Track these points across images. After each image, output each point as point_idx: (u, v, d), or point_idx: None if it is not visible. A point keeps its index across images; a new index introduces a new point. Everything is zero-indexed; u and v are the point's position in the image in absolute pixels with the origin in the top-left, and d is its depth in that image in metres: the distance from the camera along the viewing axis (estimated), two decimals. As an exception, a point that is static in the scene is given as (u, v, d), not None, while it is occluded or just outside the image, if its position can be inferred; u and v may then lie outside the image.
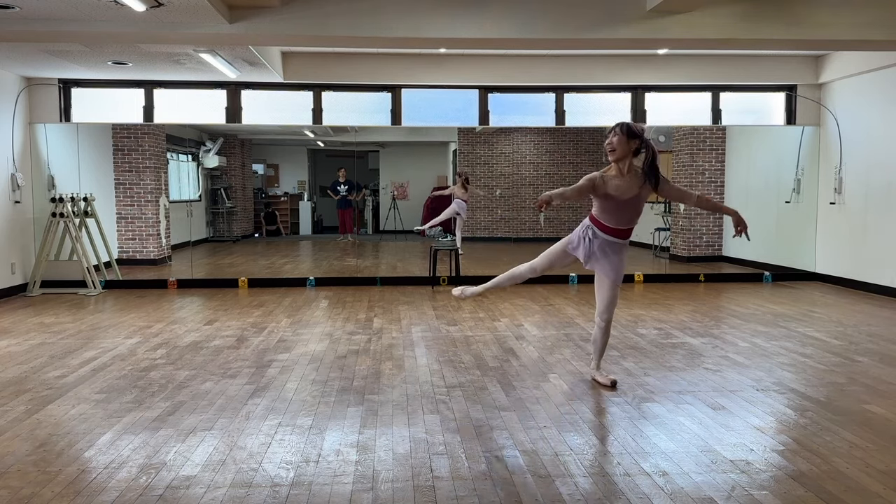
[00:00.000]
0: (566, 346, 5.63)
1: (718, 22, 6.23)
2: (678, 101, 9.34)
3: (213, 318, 6.88)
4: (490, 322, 6.62)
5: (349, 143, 14.17)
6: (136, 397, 4.26)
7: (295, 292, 8.53)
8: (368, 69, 8.66)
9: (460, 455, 3.35)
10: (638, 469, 3.18)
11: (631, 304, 7.65)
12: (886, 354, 5.34)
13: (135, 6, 5.39)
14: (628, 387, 4.48)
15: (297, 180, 16.97)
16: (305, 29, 6.13)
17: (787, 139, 9.75)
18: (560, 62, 8.75)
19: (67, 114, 8.87)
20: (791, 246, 9.80)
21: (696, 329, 6.28)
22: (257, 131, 14.38)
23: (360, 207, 15.57)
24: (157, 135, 10.96)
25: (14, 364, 5.08)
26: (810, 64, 9.01)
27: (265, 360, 5.19)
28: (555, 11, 6.22)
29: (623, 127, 4.15)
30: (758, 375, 4.75)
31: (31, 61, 7.72)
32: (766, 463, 3.26)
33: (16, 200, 8.37)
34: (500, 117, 9.26)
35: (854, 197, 8.66)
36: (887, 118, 8.06)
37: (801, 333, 6.11)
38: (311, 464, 3.24)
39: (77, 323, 6.63)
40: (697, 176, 11.32)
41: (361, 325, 6.48)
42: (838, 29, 6.31)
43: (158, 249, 10.79)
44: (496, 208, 13.43)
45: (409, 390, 4.40)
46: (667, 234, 11.89)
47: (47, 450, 3.42)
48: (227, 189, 14.75)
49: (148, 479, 3.08)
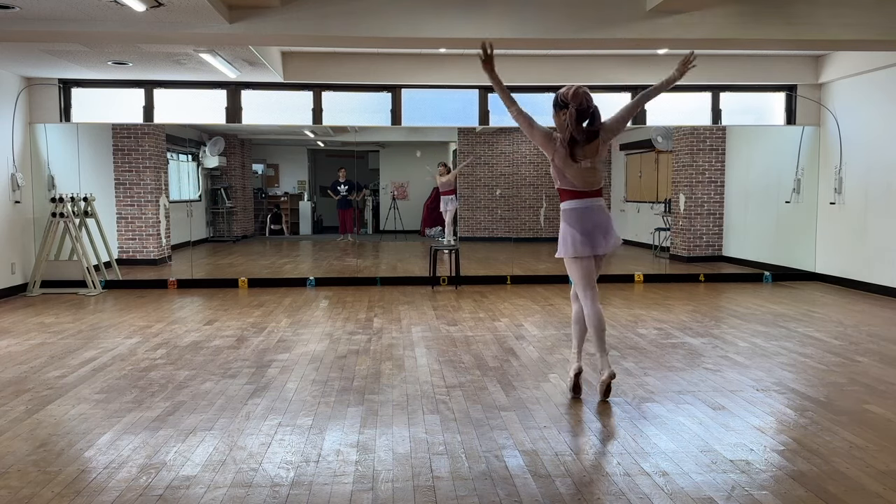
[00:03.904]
0: (566, 346, 5.62)
1: (718, 22, 6.23)
2: (678, 101, 9.34)
3: (213, 318, 6.88)
4: (490, 322, 6.62)
5: (349, 143, 14.17)
6: (136, 397, 4.26)
7: (295, 292, 8.53)
8: (368, 69, 8.66)
9: (460, 455, 3.35)
10: (638, 469, 3.18)
11: (631, 304, 7.65)
12: (886, 354, 5.34)
13: (135, 6, 5.39)
14: (628, 387, 4.48)
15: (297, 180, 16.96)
16: (305, 29, 6.13)
17: (787, 139, 9.75)
18: (560, 62, 8.74)
19: (67, 114, 8.87)
20: (791, 246, 9.80)
21: (696, 329, 6.27)
22: (257, 131, 14.38)
23: (361, 207, 15.57)
24: (157, 135, 10.96)
25: (14, 364, 5.08)
26: (810, 64, 9.00)
27: (265, 360, 5.19)
28: (555, 11, 6.22)
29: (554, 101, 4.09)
30: (758, 375, 4.75)
31: (31, 61, 7.72)
32: (766, 463, 3.26)
33: (16, 200, 8.37)
34: (500, 117, 9.25)
35: (854, 197, 8.66)
36: (887, 118, 8.05)
37: (801, 333, 6.11)
38: (311, 464, 3.24)
39: (77, 323, 6.63)
40: (697, 176, 11.32)
41: (361, 325, 6.48)
42: (838, 29, 6.31)
43: (158, 249, 10.79)
44: (496, 208, 13.43)
45: (409, 390, 4.40)
46: (667, 234, 11.89)
47: (47, 450, 3.42)
48: (227, 189, 14.75)
49: (148, 479, 3.08)
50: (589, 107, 4.02)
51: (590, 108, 4.02)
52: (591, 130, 4.05)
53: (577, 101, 3.98)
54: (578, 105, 3.98)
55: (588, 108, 4.01)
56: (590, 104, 4.03)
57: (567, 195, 4.15)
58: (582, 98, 3.99)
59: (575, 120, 3.98)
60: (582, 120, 4.02)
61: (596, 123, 4.09)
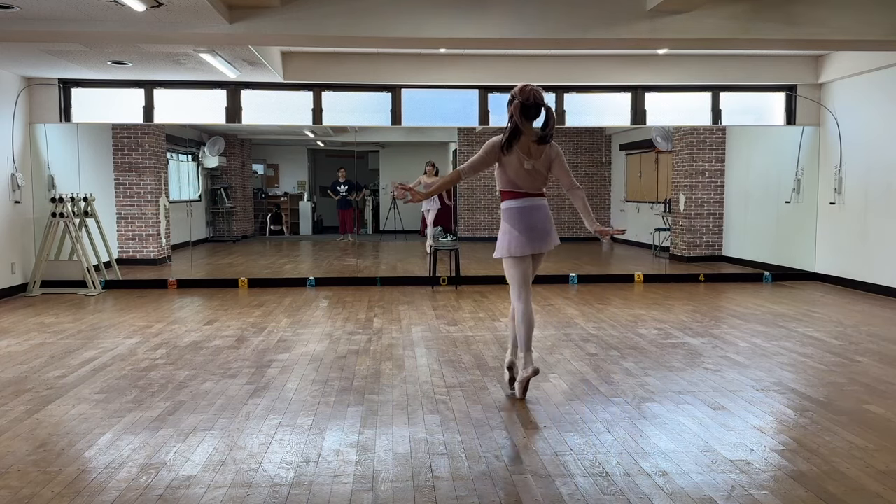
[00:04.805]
0: (566, 346, 5.63)
1: (718, 22, 6.23)
2: (678, 101, 9.34)
3: (213, 318, 6.88)
4: (490, 322, 6.62)
5: (349, 143, 14.17)
6: (136, 397, 4.26)
7: (295, 292, 8.53)
8: (368, 69, 8.66)
9: (460, 455, 3.35)
10: (638, 469, 3.18)
11: (631, 304, 7.65)
12: (886, 354, 5.34)
13: (135, 6, 5.39)
14: (628, 387, 4.48)
15: (297, 180, 16.97)
16: (305, 29, 6.13)
17: (787, 139, 9.75)
18: (560, 62, 8.74)
19: (67, 114, 8.87)
20: (791, 246, 9.80)
21: (696, 329, 6.28)
22: (257, 131, 14.38)
23: (360, 207, 15.58)
24: (157, 135, 10.96)
25: (14, 364, 5.08)
26: (810, 64, 9.00)
27: (265, 360, 5.19)
28: (555, 11, 6.22)
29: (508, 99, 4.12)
30: (758, 375, 4.75)
31: (31, 61, 7.72)
32: (766, 463, 3.26)
33: (16, 200, 8.37)
34: (500, 117, 9.26)
35: (854, 197, 8.66)
36: (887, 118, 8.06)
37: (800, 333, 6.11)
38: (311, 464, 3.24)
39: (77, 323, 6.63)
40: (697, 176, 11.33)
41: (361, 325, 6.48)
42: (838, 29, 6.31)
43: (158, 249, 10.79)
44: (496, 208, 13.41)
45: (409, 390, 4.40)
46: (667, 234, 11.90)
47: (47, 450, 3.42)
48: (227, 189, 14.76)
49: (148, 479, 3.08)
50: (537, 102, 4.05)
51: (538, 104, 4.06)
52: (543, 136, 4.10)
53: (525, 95, 4.04)
54: (525, 99, 4.03)
55: (536, 103, 4.05)
56: (538, 100, 4.06)
57: (509, 196, 4.19)
58: (529, 94, 4.05)
59: (520, 112, 4.03)
60: (528, 115, 4.05)
61: (549, 125, 4.11)
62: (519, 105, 4.03)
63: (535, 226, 4.14)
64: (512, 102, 4.08)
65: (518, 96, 4.05)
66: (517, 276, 4.20)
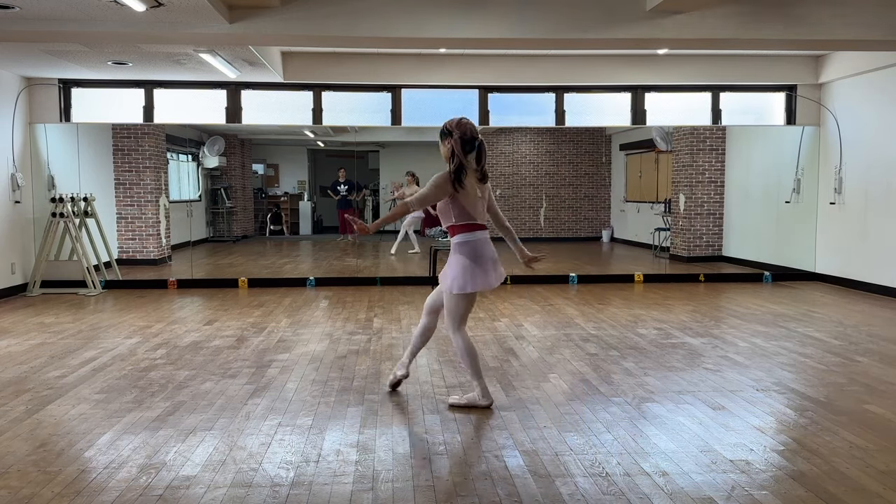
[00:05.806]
0: (566, 346, 5.63)
1: (718, 22, 6.23)
2: (678, 101, 9.34)
3: (213, 318, 6.88)
4: (490, 322, 6.62)
5: (349, 143, 14.18)
6: (136, 397, 4.26)
7: (295, 292, 8.53)
8: (368, 69, 8.66)
9: (460, 455, 3.36)
10: (638, 469, 3.18)
11: (631, 304, 7.65)
12: (886, 354, 5.34)
13: (135, 6, 5.39)
14: (628, 387, 4.48)
15: (297, 180, 16.98)
16: (305, 29, 6.13)
17: (787, 139, 9.75)
18: (560, 62, 8.74)
19: (67, 114, 8.87)
20: (791, 246, 9.80)
21: (696, 329, 6.28)
22: (257, 131, 14.38)
23: (361, 207, 15.58)
24: (157, 135, 10.96)
25: (14, 364, 5.08)
26: (810, 64, 9.01)
27: (265, 360, 5.19)
28: (555, 11, 6.22)
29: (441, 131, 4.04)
30: (758, 375, 4.75)
31: (31, 61, 7.72)
32: (766, 463, 3.26)
33: (16, 200, 8.37)
34: (500, 117, 9.26)
35: (854, 197, 8.66)
36: (887, 118, 8.06)
37: (800, 333, 6.11)
38: (311, 464, 3.24)
39: (77, 323, 6.63)
40: (697, 176, 11.33)
41: (361, 325, 6.48)
42: (838, 29, 6.31)
43: (158, 249, 10.79)
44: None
45: (409, 390, 4.40)
46: (667, 234, 11.90)
47: (47, 450, 3.43)
48: (227, 189, 14.76)
49: (148, 479, 3.08)
50: (474, 137, 3.98)
51: (475, 139, 3.99)
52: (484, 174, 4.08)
53: (462, 129, 3.96)
54: (462, 134, 3.95)
55: (473, 138, 3.98)
56: (475, 135, 3.99)
57: (466, 229, 4.08)
58: (466, 128, 3.97)
59: (461, 147, 3.95)
60: (466, 149, 3.97)
61: (483, 160, 4.05)
62: (459, 139, 3.95)
63: (494, 258, 4.10)
64: (449, 136, 3.99)
65: (456, 130, 3.97)
66: (466, 310, 4.08)
